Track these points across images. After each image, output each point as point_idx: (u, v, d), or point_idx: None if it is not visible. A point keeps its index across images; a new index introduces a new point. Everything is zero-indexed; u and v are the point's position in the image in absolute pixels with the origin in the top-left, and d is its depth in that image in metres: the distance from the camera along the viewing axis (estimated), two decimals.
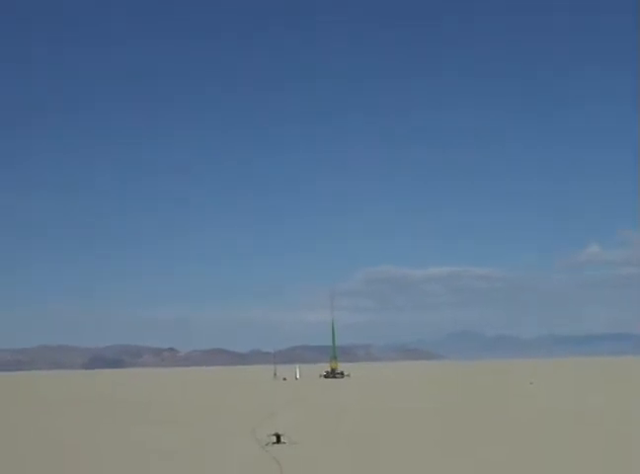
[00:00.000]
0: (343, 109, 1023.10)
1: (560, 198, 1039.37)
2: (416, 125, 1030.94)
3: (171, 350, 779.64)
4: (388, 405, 54.81)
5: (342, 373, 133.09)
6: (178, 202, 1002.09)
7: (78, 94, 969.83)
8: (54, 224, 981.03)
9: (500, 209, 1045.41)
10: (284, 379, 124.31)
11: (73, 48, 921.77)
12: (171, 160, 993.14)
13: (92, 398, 79.43)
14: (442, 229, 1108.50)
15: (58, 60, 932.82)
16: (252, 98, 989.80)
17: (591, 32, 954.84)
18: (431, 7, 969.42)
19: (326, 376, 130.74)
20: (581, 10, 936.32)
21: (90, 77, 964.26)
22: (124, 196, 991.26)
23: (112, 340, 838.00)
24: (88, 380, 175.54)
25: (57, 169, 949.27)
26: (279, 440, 31.27)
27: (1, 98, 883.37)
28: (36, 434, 38.78)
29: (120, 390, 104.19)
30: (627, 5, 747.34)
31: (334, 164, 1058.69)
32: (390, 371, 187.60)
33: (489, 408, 49.55)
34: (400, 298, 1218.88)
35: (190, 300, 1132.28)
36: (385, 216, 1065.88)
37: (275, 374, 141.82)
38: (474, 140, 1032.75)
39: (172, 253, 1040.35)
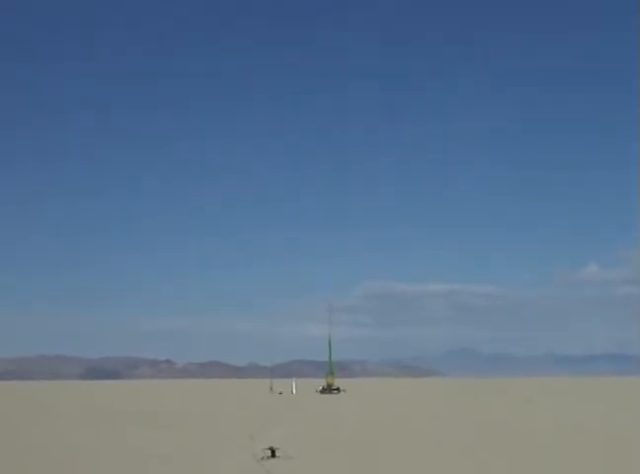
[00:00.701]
0: (344, 121, 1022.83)
1: (560, 217, 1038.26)
2: (416, 139, 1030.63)
3: (168, 361, 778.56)
4: (382, 422, 54.62)
5: (338, 389, 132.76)
6: (176, 214, 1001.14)
7: (79, 94, 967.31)
8: (53, 234, 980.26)
9: (500, 227, 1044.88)
10: (280, 393, 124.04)
11: (73, 46, 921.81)
12: (167, 170, 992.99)
13: (90, 407, 79.24)
14: (442, 246, 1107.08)
15: (58, 58, 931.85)
16: (251, 107, 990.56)
17: (591, 32, 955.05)
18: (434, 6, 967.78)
19: (322, 392, 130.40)
20: (581, 9, 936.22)
21: (91, 76, 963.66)
22: (122, 206, 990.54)
23: (109, 351, 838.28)
24: (85, 390, 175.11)
25: (54, 175, 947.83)
26: (273, 455, 31.17)
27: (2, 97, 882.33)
28: (36, 440, 38.64)
29: (118, 401, 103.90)
30: (627, 5, 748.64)
31: (334, 177, 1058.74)
32: (386, 388, 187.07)
33: (487, 421, 49.41)
34: (399, 314, 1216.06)
35: (187, 312, 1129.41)
36: (386, 232, 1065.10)
37: (271, 388, 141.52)
38: (475, 155, 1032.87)
39: (170, 264, 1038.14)
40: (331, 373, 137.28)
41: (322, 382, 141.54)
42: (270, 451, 31.46)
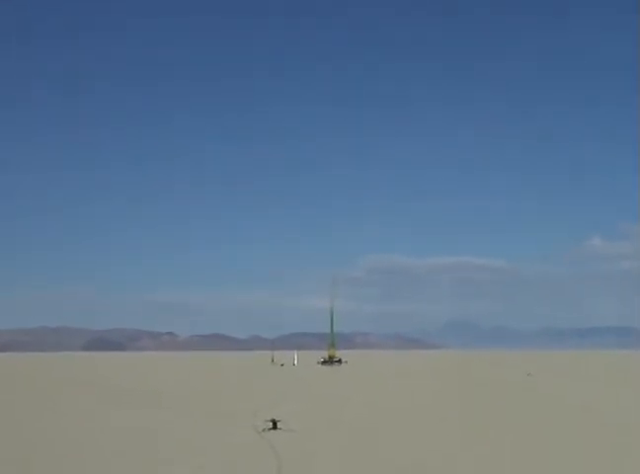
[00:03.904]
0: (354, 97, 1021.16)
1: (563, 191, 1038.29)
2: (422, 116, 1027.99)
3: (170, 334, 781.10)
4: (383, 393, 54.58)
5: (339, 360, 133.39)
6: (179, 187, 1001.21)
7: (79, 82, 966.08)
8: (56, 207, 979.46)
9: (503, 202, 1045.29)
10: (282, 365, 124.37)
11: (74, 41, 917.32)
12: (172, 145, 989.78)
13: (93, 382, 79.36)
14: (446, 220, 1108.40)
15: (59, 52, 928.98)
16: (258, 82, 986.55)
17: (590, 32, 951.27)
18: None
19: (323, 363, 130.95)
20: (581, 10, 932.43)
21: (95, 68, 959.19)
22: (125, 181, 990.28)
23: (112, 323, 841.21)
24: (86, 363, 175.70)
25: (58, 151, 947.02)
26: (275, 426, 31.05)
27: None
28: (32, 417, 38.61)
29: (120, 375, 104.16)
30: (627, 5, 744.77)
31: (341, 151, 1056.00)
32: (387, 360, 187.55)
33: (488, 398, 49.32)
34: (401, 287, 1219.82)
35: (189, 286, 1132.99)
36: (390, 206, 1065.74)
37: (272, 360, 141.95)
38: (479, 132, 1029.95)
39: (173, 237, 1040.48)
40: (332, 345, 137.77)
41: (324, 354, 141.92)
42: (271, 423, 31.34)
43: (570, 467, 22.77)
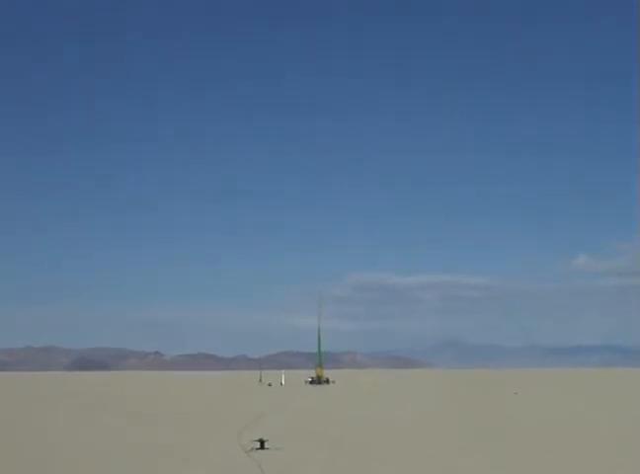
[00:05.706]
0: (339, 112, 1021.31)
1: (550, 208, 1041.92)
2: (410, 131, 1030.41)
3: (156, 353, 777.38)
4: (372, 412, 54.56)
5: (327, 380, 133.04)
6: (164, 205, 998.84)
7: (72, 90, 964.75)
8: (40, 224, 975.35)
9: (490, 218, 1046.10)
10: (270, 385, 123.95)
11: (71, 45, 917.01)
12: (158, 161, 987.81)
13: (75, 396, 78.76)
14: (433, 237, 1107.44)
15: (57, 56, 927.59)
16: (246, 93, 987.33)
17: (590, 33, 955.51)
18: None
19: (311, 383, 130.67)
20: (580, 10, 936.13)
21: (90, 75, 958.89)
22: (111, 197, 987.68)
23: (97, 342, 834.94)
24: (72, 382, 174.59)
25: (41, 167, 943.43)
26: (262, 446, 31.01)
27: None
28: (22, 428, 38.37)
29: (106, 392, 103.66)
30: (627, 5, 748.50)
31: (326, 167, 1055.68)
32: (375, 379, 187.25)
33: (472, 415, 49.38)
34: (388, 306, 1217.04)
35: (176, 304, 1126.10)
36: (377, 223, 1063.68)
37: (260, 380, 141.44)
38: (466, 148, 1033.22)
39: (159, 256, 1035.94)
40: (320, 365, 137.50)
41: (311, 373, 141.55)
42: (259, 443, 31.30)
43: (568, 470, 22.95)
